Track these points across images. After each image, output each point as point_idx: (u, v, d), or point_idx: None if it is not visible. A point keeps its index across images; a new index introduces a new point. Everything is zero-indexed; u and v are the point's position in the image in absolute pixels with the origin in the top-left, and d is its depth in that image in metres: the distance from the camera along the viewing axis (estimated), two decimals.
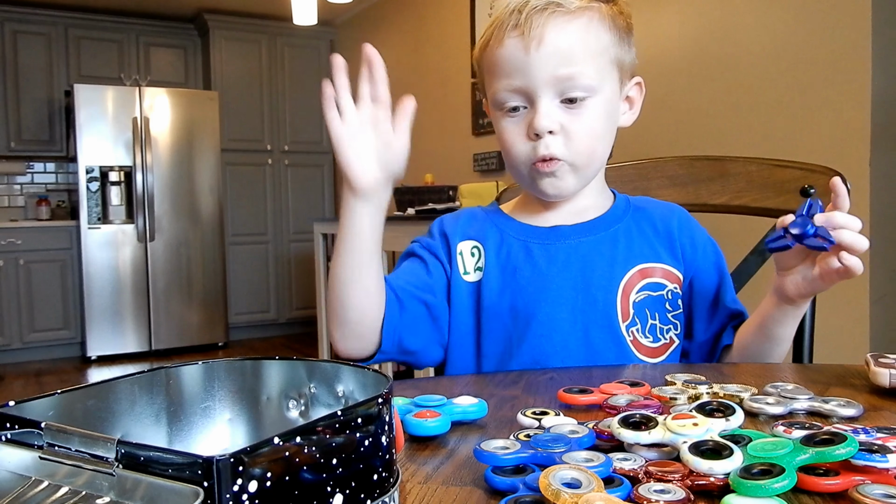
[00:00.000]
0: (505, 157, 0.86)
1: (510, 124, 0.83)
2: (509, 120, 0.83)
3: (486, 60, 0.84)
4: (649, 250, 0.88)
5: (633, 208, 0.91)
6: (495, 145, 3.70)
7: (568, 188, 0.84)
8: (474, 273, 0.88)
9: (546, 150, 0.80)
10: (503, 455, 0.45)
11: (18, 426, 0.33)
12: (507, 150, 0.84)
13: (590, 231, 0.88)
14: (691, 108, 2.53)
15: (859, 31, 2.03)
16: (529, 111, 0.81)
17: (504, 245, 0.88)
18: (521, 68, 0.79)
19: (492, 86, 0.83)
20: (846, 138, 2.07)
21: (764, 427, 0.53)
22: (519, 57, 0.79)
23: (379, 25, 4.92)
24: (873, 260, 2.04)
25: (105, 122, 4.74)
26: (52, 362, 4.79)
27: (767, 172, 1.03)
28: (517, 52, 0.79)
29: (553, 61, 0.78)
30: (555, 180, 0.82)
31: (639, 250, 0.87)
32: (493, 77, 0.83)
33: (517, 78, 0.80)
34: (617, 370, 0.77)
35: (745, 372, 0.74)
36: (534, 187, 0.85)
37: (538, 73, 0.79)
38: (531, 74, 0.79)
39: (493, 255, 0.87)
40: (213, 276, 5.14)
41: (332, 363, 0.43)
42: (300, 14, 3.72)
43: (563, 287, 0.84)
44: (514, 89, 0.81)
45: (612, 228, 0.88)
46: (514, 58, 0.80)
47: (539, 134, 0.80)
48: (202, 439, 0.43)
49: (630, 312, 0.85)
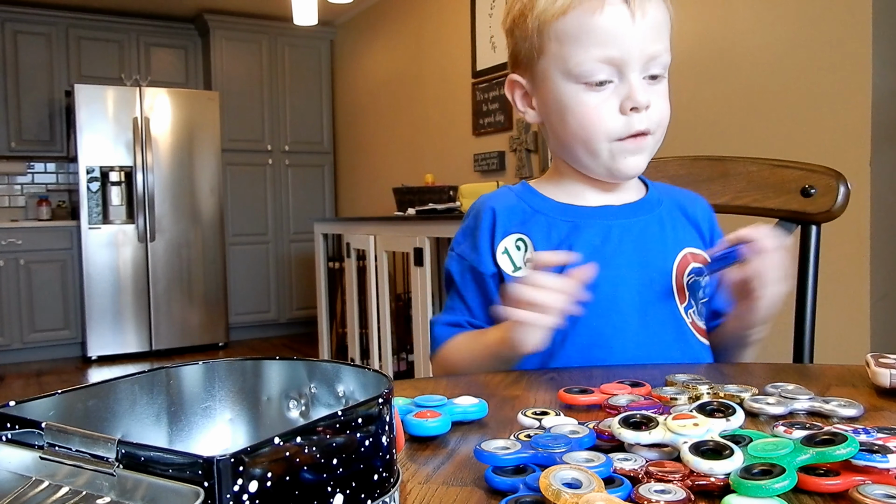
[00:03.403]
0: (579, 131, 0.80)
1: (596, 97, 0.78)
2: (595, 93, 0.78)
3: (569, 26, 0.77)
4: (689, 235, 0.88)
5: (666, 194, 0.90)
6: (495, 145, 3.72)
7: (643, 166, 0.82)
8: (525, 267, 0.84)
9: (642, 125, 0.78)
10: (503, 455, 0.45)
11: (19, 426, 0.33)
12: (588, 124, 0.79)
13: (639, 211, 0.86)
14: (691, 108, 2.53)
15: (859, 31, 2.03)
16: (618, 85, 0.77)
17: (553, 230, 0.84)
18: (621, 39, 0.75)
19: (574, 55, 0.77)
20: (846, 138, 2.07)
21: (764, 427, 0.53)
22: (621, 26, 0.75)
23: (379, 25, 4.92)
24: (874, 260, 2.04)
25: (105, 123, 4.75)
26: (52, 362, 4.80)
27: (768, 172, 1.03)
28: (620, 21, 0.75)
29: (651, 35, 0.77)
30: (638, 157, 0.80)
31: (683, 234, 0.87)
32: (576, 44, 0.77)
33: (613, 48, 0.76)
34: (617, 370, 0.77)
35: (745, 372, 0.74)
36: (611, 165, 0.81)
37: (637, 46, 0.76)
38: (630, 46, 0.75)
39: (541, 244, 0.83)
40: (214, 277, 5.14)
41: (332, 363, 0.42)
42: (300, 14, 3.72)
43: (620, 266, 0.82)
44: (608, 60, 0.76)
45: (657, 211, 0.87)
46: (615, 26, 0.75)
47: (637, 108, 0.77)
48: (203, 439, 0.43)
49: (686, 295, 0.84)
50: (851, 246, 2.04)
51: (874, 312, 2.05)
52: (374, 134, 5.08)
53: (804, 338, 0.99)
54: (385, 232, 3.21)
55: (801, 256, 1.00)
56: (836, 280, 2.02)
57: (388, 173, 4.78)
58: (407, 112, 4.61)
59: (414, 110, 4.53)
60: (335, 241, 3.88)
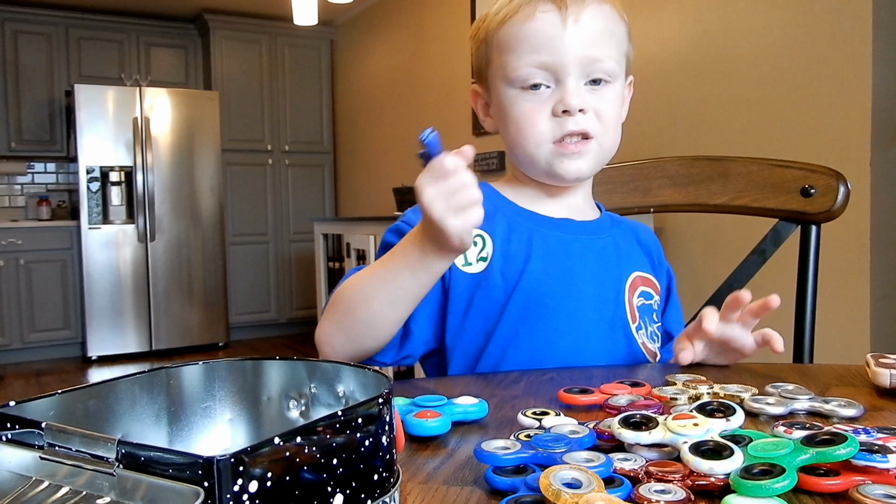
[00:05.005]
0: (517, 136, 0.81)
1: (530, 102, 0.79)
2: (529, 97, 0.79)
3: (506, 34, 0.80)
4: (641, 260, 0.90)
5: (618, 219, 0.93)
6: (496, 145, 3.72)
7: (587, 171, 0.82)
8: (476, 263, 0.82)
9: (576, 126, 0.78)
10: (504, 455, 0.45)
11: (19, 426, 0.33)
12: (523, 127, 0.80)
13: (598, 230, 0.87)
14: (691, 108, 2.53)
15: (859, 31, 2.03)
16: (555, 90, 0.79)
17: (514, 232, 0.83)
18: (553, 44, 0.77)
19: (511, 62, 0.79)
20: (846, 138, 2.07)
21: (764, 427, 0.53)
22: (553, 32, 0.77)
23: (379, 25, 4.92)
24: (874, 260, 2.04)
25: (105, 123, 4.74)
26: (52, 362, 4.79)
27: (767, 172, 1.03)
28: (551, 26, 0.77)
29: (587, 40, 0.77)
30: (579, 161, 0.80)
31: (636, 258, 0.90)
32: (512, 52, 0.79)
33: (546, 53, 0.77)
34: (617, 370, 0.77)
35: (745, 372, 0.74)
36: (550, 169, 0.81)
37: (571, 51, 0.77)
38: (563, 51, 0.77)
39: (500, 244, 0.82)
40: (214, 276, 5.14)
41: (332, 363, 0.43)
42: (300, 14, 3.72)
43: (580, 281, 0.82)
44: (541, 65, 0.78)
45: (613, 232, 0.89)
46: (547, 32, 0.77)
47: (569, 111, 0.78)
48: (202, 439, 0.43)
49: (636, 316, 0.85)
50: (851, 246, 2.04)
51: (874, 312, 2.05)
52: (374, 134, 5.08)
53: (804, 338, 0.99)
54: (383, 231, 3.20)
55: (801, 256, 1.01)
56: (836, 280, 2.02)
57: (388, 173, 4.78)
58: (407, 112, 4.61)
59: (414, 110, 4.52)
60: (335, 241, 3.88)
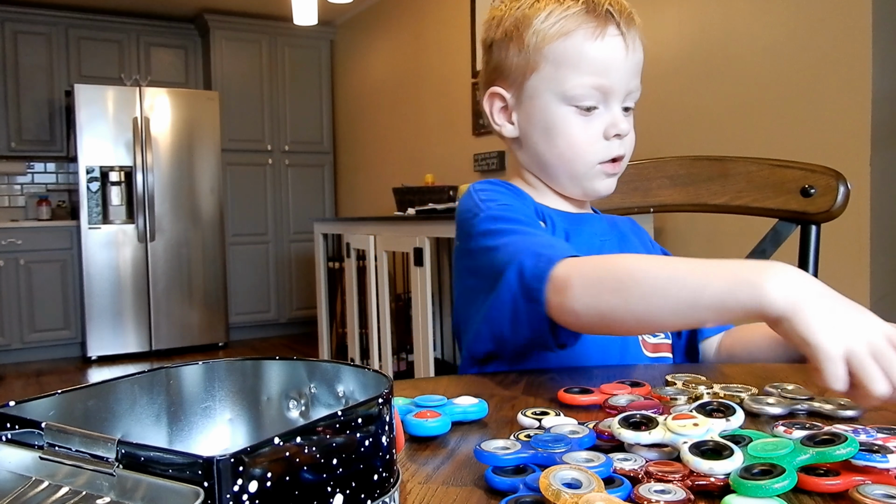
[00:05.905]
0: (567, 152, 0.81)
1: (584, 122, 0.81)
2: (583, 118, 0.81)
3: (570, 49, 0.79)
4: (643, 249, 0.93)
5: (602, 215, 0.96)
6: (495, 145, 3.72)
7: (613, 188, 0.86)
8: None
9: (622, 150, 0.83)
10: (503, 455, 0.45)
11: (19, 426, 0.33)
12: (577, 147, 0.81)
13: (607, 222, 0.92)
14: (691, 108, 2.53)
15: (859, 31, 2.03)
16: (603, 112, 0.81)
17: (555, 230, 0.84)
18: (615, 69, 0.79)
19: (571, 78, 0.79)
20: (846, 138, 2.07)
21: (764, 427, 0.53)
22: (618, 57, 0.79)
23: (379, 25, 4.92)
24: (874, 260, 2.04)
25: (105, 123, 4.74)
26: (52, 362, 4.79)
27: (767, 172, 1.03)
28: (617, 52, 0.79)
29: (636, 68, 0.82)
30: (613, 180, 0.85)
31: (639, 248, 0.92)
32: (574, 69, 0.79)
33: (608, 77, 0.79)
34: (617, 370, 0.77)
35: (745, 372, 0.74)
36: (589, 186, 0.84)
37: (626, 78, 0.80)
38: (621, 78, 0.80)
39: None
40: (214, 277, 5.14)
41: (332, 363, 0.43)
42: (300, 14, 3.72)
43: None
44: (599, 87, 0.79)
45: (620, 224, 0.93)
46: (613, 58, 0.79)
47: (620, 135, 0.81)
48: (202, 439, 0.43)
49: None
50: (851, 246, 2.04)
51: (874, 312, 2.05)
52: (374, 134, 5.08)
53: None
54: (385, 232, 3.21)
55: (801, 256, 1.01)
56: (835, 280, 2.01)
57: (388, 173, 4.78)
58: (407, 112, 4.61)
59: (414, 110, 4.52)
60: (335, 241, 3.88)
